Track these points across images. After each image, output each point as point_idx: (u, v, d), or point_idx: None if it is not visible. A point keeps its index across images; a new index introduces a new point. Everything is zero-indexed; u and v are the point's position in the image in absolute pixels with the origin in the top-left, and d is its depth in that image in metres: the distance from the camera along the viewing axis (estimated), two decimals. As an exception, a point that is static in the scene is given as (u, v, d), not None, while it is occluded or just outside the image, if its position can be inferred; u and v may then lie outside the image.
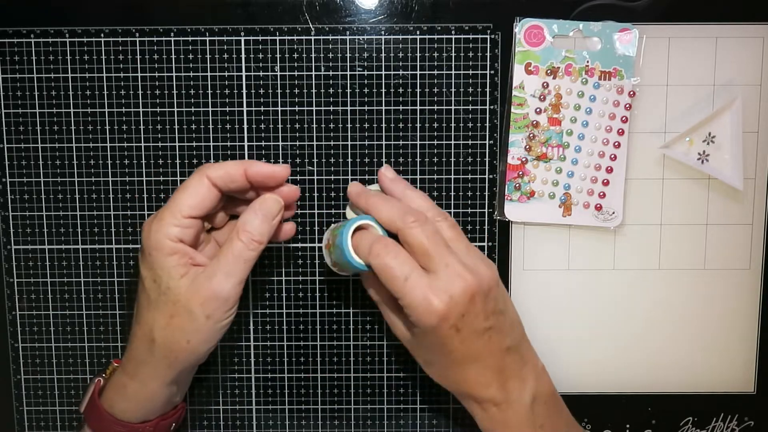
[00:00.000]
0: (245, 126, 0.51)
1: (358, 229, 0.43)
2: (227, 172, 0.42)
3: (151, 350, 0.42)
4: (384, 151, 0.51)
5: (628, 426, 0.53)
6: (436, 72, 0.50)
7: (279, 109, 0.51)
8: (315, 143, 0.51)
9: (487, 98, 0.51)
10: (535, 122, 0.50)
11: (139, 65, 0.51)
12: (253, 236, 0.41)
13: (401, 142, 0.51)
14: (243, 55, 0.50)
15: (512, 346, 0.43)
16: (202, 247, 0.45)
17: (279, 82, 0.51)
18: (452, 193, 0.51)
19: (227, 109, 0.51)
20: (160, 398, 0.44)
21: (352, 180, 0.51)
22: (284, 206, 0.43)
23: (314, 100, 0.51)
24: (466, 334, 0.41)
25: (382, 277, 0.41)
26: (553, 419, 0.45)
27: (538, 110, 0.50)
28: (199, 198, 0.42)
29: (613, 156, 0.50)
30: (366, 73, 0.50)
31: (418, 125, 0.51)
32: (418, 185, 0.51)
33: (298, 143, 0.51)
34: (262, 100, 0.51)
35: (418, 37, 0.50)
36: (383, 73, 0.50)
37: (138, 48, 0.50)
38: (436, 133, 0.51)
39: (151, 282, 0.42)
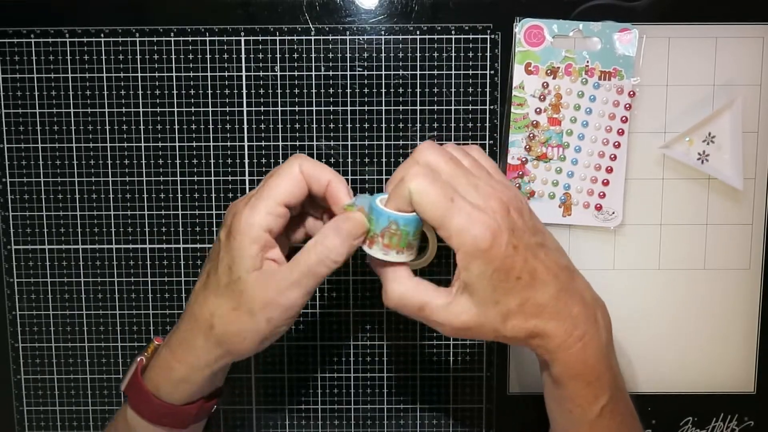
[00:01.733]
0: (245, 126, 0.51)
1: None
2: (317, 176, 0.41)
3: (207, 337, 0.41)
4: (384, 151, 0.51)
5: (628, 426, 0.54)
6: (436, 72, 0.50)
7: (279, 109, 0.51)
8: (315, 143, 0.51)
9: (487, 98, 0.51)
10: (535, 122, 0.50)
11: (139, 65, 0.51)
12: (331, 255, 0.40)
13: (401, 142, 0.51)
14: (243, 55, 0.50)
15: (569, 266, 0.41)
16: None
17: (279, 82, 0.51)
18: (452, 193, 0.51)
19: (227, 109, 0.51)
20: (206, 383, 0.44)
21: (353, 180, 0.51)
22: None
23: (314, 100, 0.51)
24: (523, 252, 0.38)
25: (424, 206, 0.38)
26: (616, 361, 0.43)
27: (538, 110, 0.50)
28: (294, 187, 0.40)
29: (613, 156, 0.50)
30: (366, 73, 0.51)
31: (418, 125, 0.51)
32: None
33: (298, 143, 0.51)
34: (262, 100, 0.51)
35: (418, 37, 0.50)
36: (383, 73, 0.50)
37: (138, 48, 0.50)
38: (436, 133, 0.51)
39: (227, 267, 0.40)
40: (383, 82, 0.51)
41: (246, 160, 0.51)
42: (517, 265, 0.38)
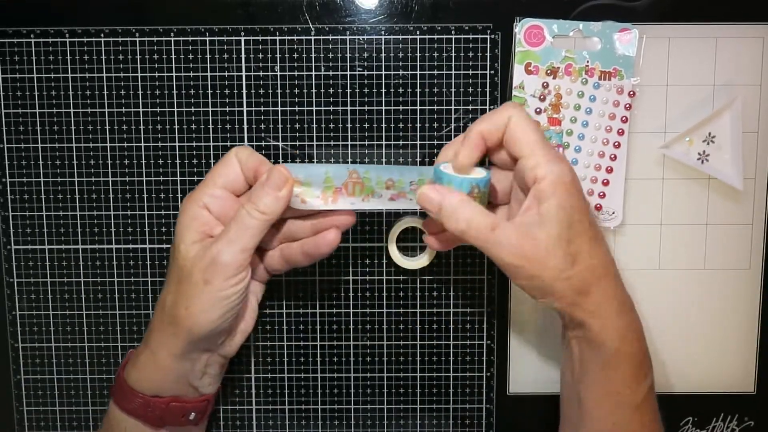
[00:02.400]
0: (245, 126, 0.51)
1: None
2: (249, 161, 0.43)
3: (161, 317, 0.43)
4: (384, 151, 0.51)
5: (628, 426, 0.53)
6: (436, 72, 0.50)
7: (279, 109, 0.51)
8: (315, 143, 0.51)
9: (487, 98, 0.51)
10: (535, 122, 0.50)
11: (139, 65, 0.51)
12: (257, 206, 0.42)
13: (401, 142, 0.51)
14: (243, 55, 0.50)
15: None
16: None
17: (279, 82, 0.51)
18: (452, 193, 0.51)
19: (227, 109, 0.51)
20: (169, 372, 0.44)
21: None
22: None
23: (314, 100, 0.51)
24: (583, 199, 0.41)
25: (522, 130, 0.40)
26: None
27: (538, 110, 0.50)
28: (230, 170, 0.43)
29: (613, 156, 0.50)
30: (366, 73, 0.50)
31: (418, 125, 0.51)
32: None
33: (298, 143, 0.51)
34: (262, 100, 0.51)
35: (418, 37, 0.50)
36: (383, 73, 0.50)
37: (138, 48, 0.50)
38: (436, 133, 0.51)
39: (174, 248, 0.43)
40: (383, 82, 0.51)
41: (246, 160, 0.51)
42: (585, 211, 0.40)
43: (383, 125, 0.51)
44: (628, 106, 0.50)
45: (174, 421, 0.46)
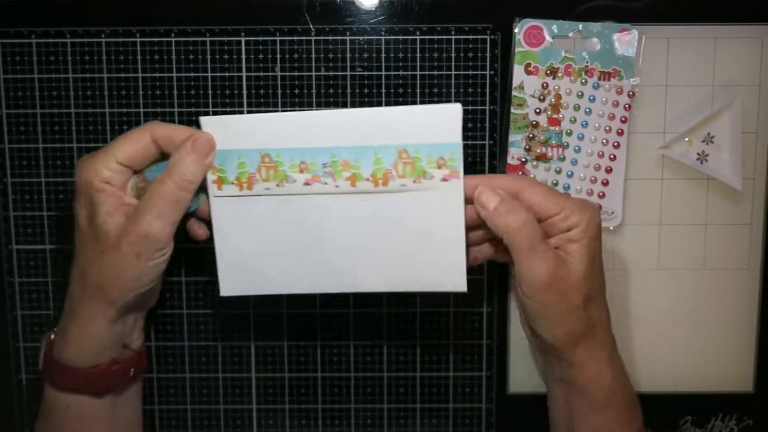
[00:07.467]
0: (245, 126, 0.51)
1: None
2: (171, 136, 0.42)
3: (84, 288, 0.43)
4: (384, 151, 0.51)
5: (627, 425, 0.54)
6: (436, 72, 0.51)
7: (279, 109, 0.51)
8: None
9: (487, 98, 0.51)
10: (534, 122, 0.50)
11: (139, 65, 0.51)
12: (186, 176, 0.41)
13: (401, 142, 0.51)
14: (243, 55, 0.51)
15: None
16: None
17: (279, 82, 0.51)
18: (452, 193, 0.52)
19: (227, 109, 0.51)
20: (104, 339, 0.44)
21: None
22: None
23: (314, 100, 0.51)
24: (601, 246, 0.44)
25: (543, 196, 0.42)
26: None
27: (537, 110, 0.50)
28: (137, 150, 0.42)
29: (612, 156, 0.51)
30: (366, 73, 0.51)
31: (418, 125, 0.51)
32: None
33: (298, 143, 0.51)
34: (262, 100, 0.51)
35: (418, 37, 0.50)
36: (383, 73, 0.51)
37: (138, 48, 0.50)
38: (436, 134, 0.51)
39: (85, 219, 0.42)
40: (383, 82, 0.51)
41: (246, 160, 0.51)
42: (601, 258, 0.44)
43: (383, 125, 0.51)
44: (627, 106, 0.50)
45: (117, 383, 0.46)
